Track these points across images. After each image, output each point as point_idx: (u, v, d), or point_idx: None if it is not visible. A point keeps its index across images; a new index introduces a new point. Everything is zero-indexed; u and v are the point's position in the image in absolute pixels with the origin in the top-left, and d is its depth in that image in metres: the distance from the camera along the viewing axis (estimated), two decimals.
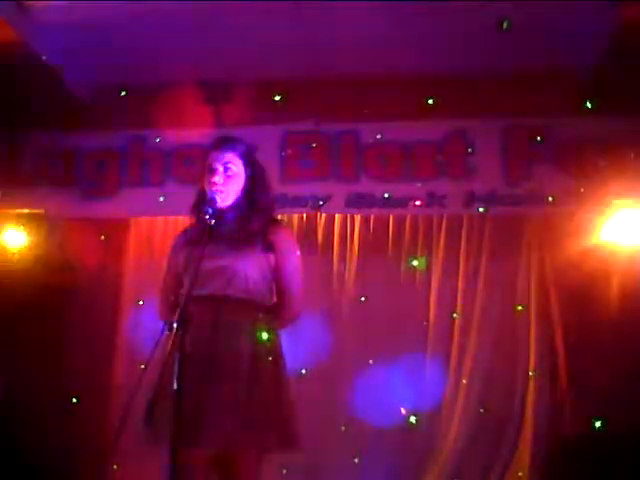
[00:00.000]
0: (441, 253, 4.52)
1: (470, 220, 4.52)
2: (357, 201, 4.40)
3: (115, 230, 4.68)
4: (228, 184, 2.45)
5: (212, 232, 2.32)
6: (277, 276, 2.49)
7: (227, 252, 2.39)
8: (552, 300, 4.34)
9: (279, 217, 2.74)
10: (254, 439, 2.28)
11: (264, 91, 4.27)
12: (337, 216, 4.63)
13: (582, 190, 4.13)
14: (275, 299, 2.55)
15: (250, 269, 2.40)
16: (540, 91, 4.29)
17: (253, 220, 2.45)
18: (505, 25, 3.57)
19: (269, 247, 2.45)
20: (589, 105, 3.89)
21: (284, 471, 4.06)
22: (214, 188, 2.43)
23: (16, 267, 4.47)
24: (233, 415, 2.24)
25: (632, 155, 4.06)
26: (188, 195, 2.60)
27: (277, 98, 4.13)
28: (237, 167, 2.48)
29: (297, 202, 4.40)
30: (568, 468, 3.87)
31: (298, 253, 2.56)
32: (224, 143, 2.51)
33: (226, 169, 2.46)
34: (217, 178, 2.44)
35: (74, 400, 4.33)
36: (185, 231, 2.61)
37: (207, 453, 2.31)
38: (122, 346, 4.56)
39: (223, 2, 3.86)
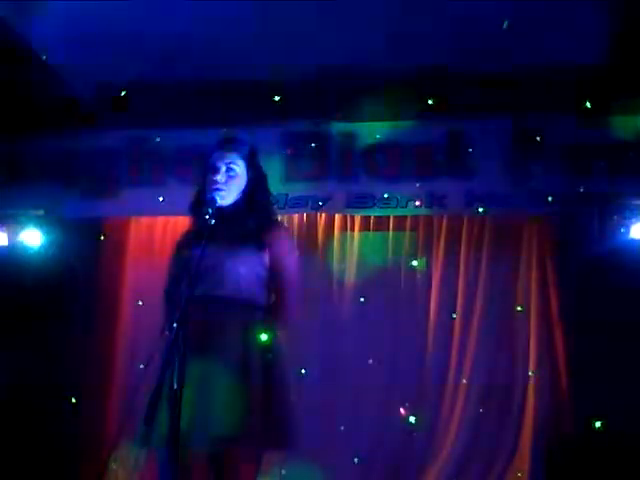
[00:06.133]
0: (441, 253, 4.52)
1: (470, 220, 4.52)
2: (357, 201, 4.40)
3: (115, 230, 4.68)
4: (229, 183, 2.45)
5: (212, 232, 2.31)
6: (273, 275, 2.47)
7: (219, 251, 2.36)
8: (552, 300, 4.34)
9: (279, 218, 2.74)
10: (249, 438, 2.26)
11: (264, 91, 4.27)
12: (337, 216, 4.63)
13: (582, 190, 4.13)
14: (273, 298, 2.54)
15: (242, 267, 2.39)
16: (540, 91, 4.29)
17: (250, 220, 2.45)
18: (505, 25, 3.58)
19: (264, 246, 2.43)
20: (589, 105, 3.88)
21: (284, 471, 4.06)
22: (215, 187, 2.43)
23: (16, 267, 4.47)
24: (228, 415, 2.23)
25: (631, 155, 4.07)
26: (188, 195, 2.61)
27: (277, 98, 4.12)
28: (239, 168, 2.48)
29: (297, 202, 4.40)
30: (568, 468, 3.87)
31: (296, 253, 2.57)
32: (228, 143, 2.52)
33: (228, 169, 2.46)
34: (219, 177, 2.44)
35: (74, 400, 4.33)
36: (187, 232, 2.61)
37: (204, 453, 2.30)
38: (122, 346, 4.56)
39: (221, 1, 3.86)
